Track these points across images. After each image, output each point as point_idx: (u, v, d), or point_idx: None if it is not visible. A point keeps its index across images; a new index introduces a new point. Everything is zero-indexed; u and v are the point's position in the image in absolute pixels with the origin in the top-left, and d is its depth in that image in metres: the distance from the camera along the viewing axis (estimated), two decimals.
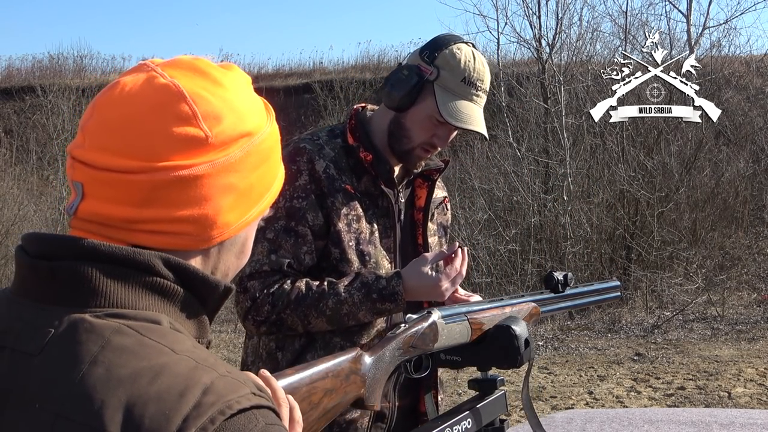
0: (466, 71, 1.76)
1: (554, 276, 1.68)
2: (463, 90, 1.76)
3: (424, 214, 1.90)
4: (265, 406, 0.77)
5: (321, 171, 1.75)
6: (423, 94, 1.76)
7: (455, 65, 1.75)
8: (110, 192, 0.80)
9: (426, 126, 1.78)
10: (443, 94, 1.75)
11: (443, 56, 1.76)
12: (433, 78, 1.75)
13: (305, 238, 1.73)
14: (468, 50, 1.78)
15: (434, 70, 1.76)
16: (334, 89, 16.04)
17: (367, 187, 1.80)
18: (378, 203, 1.81)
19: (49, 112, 15.15)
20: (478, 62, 1.78)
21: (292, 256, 1.72)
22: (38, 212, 12.22)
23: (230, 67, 0.89)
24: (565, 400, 5.99)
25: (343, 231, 1.75)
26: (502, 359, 1.50)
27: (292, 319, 1.70)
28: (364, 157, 1.78)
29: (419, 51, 1.81)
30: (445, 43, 1.78)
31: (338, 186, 1.76)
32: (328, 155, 1.78)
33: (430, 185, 1.91)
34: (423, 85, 1.76)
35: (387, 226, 1.82)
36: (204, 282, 0.84)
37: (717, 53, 11.62)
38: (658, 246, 9.56)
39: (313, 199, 1.74)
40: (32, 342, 0.78)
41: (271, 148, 0.90)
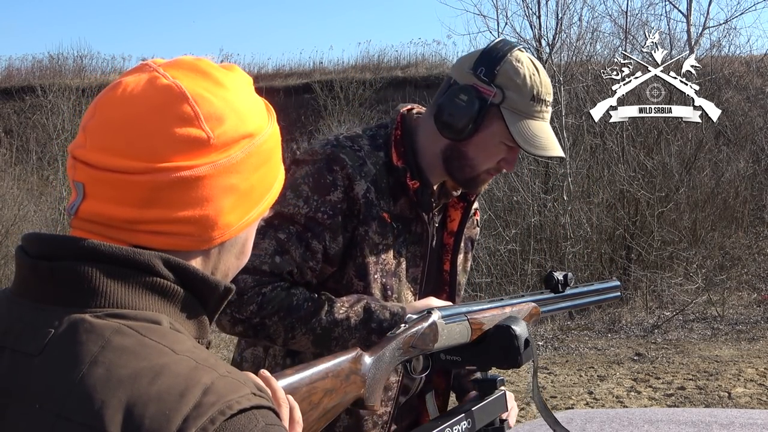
0: (534, 88, 1.58)
1: (554, 276, 1.68)
2: (533, 109, 1.59)
3: (456, 240, 1.75)
4: (265, 406, 0.77)
5: (360, 195, 1.58)
6: (488, 120, 1.58)
7: (521, 83, 1.57)
8: (111, 192, 0.80)
9: (493, 152, 1.62)
10: (513, 118, 1.57)
11: (504, 73, 1.57)
12: (498, 101, 1.57)
13: (315, 255, 1.57)
14: (527, 61, 1.60)
15: (497, 91, 1.57)
16: (334, 89, 16.05)
17: (402, 210, 1.64)
18: (411, 228, 1.66)
19: (49, 112, 15.15)
20: (542, 72, 1.61)
21: (297, 266, 1.56)
22: (38, 212, 12.22)
23: (232, 68, 0.89)
24: (565, 400, 5.99)
25: (371, 263, 1.60)
26: (502, 359, 1.50)
27: (275, 328, 1.52)
28: (411, 185, 1.62)
29: (472, 68, 1.59)
30: (500, 55, 1.59)
31: (375, 213, 1.60)
32: (369, 174, 1.60)
33: (465, 207, 1.76)
34: (487, 109, 1.57)
35: (417, 254, 1.67)
36: (204, 282, 0.84)
37: (717, 53, 11.63)
38: (658, 246, 9.57)
39: (339, 221, 1.57)
40: (32, 342, 0.78)
41: (272, 149, 0.90)
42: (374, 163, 1.62)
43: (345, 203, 1.58)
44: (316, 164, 1.59)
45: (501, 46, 1.61)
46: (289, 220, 1.57)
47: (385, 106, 15.60)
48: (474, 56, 1.62)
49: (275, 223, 1.57)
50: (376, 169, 1.62)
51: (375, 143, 1.65)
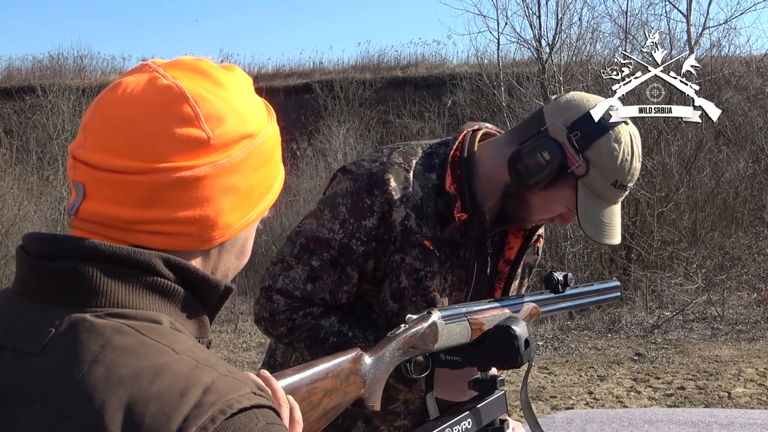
0: (621, 173, 1.50)
1: (554, 276, 1.67)
2: (611, 194, 1.52)
3: (511, 268, 1.70)
4: (265, 405, 0.78)
5: (398, 222, 1.54)
6: (562, 183, 1.52)
7: (610, 166, 1.49)
8: (111, 192, 0.80)
9: (554, 209, 1.58)
10: (587, 197, 1.51)
11: (598, 150, 1.49)
12: (579, 173, 1.50)
13: (350, 280, 1.57)
14: (627, 142, 1.51)
15: (583, 164, 1.49)
16: (334, 89, 16.06)
17: (452, 234, 1.59)
18: (459, 253, 1.60)
19: (49, 112, 15.15)
20: (636, 157, 1.52)
21: (329, 292, 1.56)
22: (38, 212, 12.21)
23: (232, 68, 0.89)
24: (565, 400, 6.00)
25: (409, 288, 1.57)
26: (502, 359, 1.50)
27: (302, 352, 1.59)
28: (458, 217, 1.56)
29: (569, 127, 1.50)
30: (603, 128, 1.49)
31: (415, 240, 1.55)
32: (413, 199, 1.54)
33: (526, 235, 1.69)
34: (565, 175, 1.50)
35: (462, 279, 1.63)
36: (204, 282, 0.84)
37: (717, 53, 11.64)
38: (658, 246, 9.57)
39: (373, 247, 1.55)
40: (33, 342, 0.78)
41: (271, 150, 0.90)
42: (422, 186, 1.56)
43: (381, 228, 1.55)
44: (358, 182, 1.56)
45: (607, 116, 1.51)
46: (325, 246, 1.56)
47: (385, 106, 15.62)
48: (576, 113, 1.52)
49: (311, 248, 1.57)
50: (423, 192, 1.56)
51: (429, 162, 1.59)
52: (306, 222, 1.61)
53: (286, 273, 1.58)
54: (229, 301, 1.04)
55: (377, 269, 1.58)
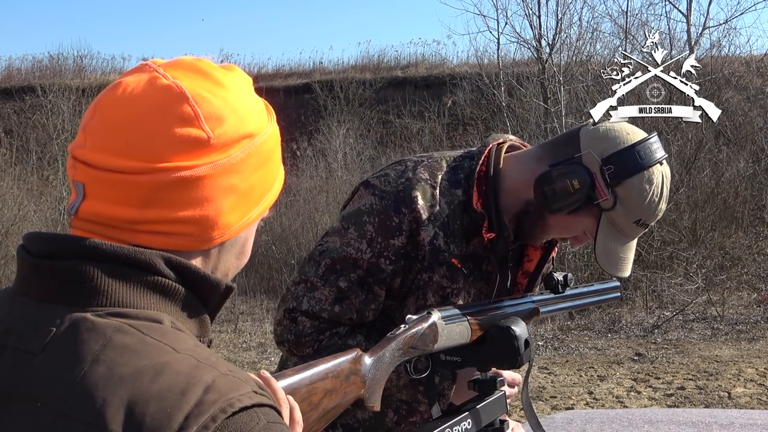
0: (646, 213, 1.50)
1: (554, 276, 1.67)
2: (632, 231, 1.53)
3: (530, 280, 1.70)
4: (266, 404, 0.78)
5: (427, 242, 1.53)
6: (585, 211, 1.51)
7: (637, 206, 1.48)
8: (111, 192, 0.80)
9: (571, 232, 1.58)
10: (608, 231, 1.51)
11: (629, 188, 1.47)
12: (605, 207, 1.49)
13: (377, 299, 1.56)
14: (659, 184, 1.49)
15: (611, 198, 1.48)
16: (334, 89, 16.05)
17: (475, 249, 1.58)
18: (482, 267, 1.61)
19: (49, 112, 15.15)
20: (663, 200, 1.51)
21: (356, 311, 1.55)
22: (38, 212, 12.22)
23: (231, 68, 0.89)
24: (565, 400, 6.00)
25: (435, 304, 1.54)
26: (502, 360, 1.50)
27: None
28: (486, 237, 1.55)
29: (604, 160, 1.48)
30: (637, 166, 1.47)
31: (443, 259, 1.54)
32: (440, 217, 1.53)
33: (546, 248, 1.69)
34: (590, 204, 1.49)
35: (483, 291, 1.63)
36: (205, 281, 0.84)
37: (717, 53, 11.64)
38: (658, 246, 9.57)
39: (401, 265, 1.54)
40: (34, 341, 0.78)
41: (271, 150, 0.90)
42: (449, 203, 1.55)
43: (409, 246, 1.54)
44: (384, 200, 1.54)
45: (645, 155, 1.49)
46: (352, 266, 1.54)
47: (385, 106, 15.62)
48: (614, 146, 1.49)
49: (337, 268, 1.55)
50: (450, 209, 1.55)
51: (455, 178, 1.58)
52: (330, 241, 1.57)
53: (311, 294, 1.55)
54: (229, 301, 1.04)
55: (403, 286, 1.57)
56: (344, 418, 1.62)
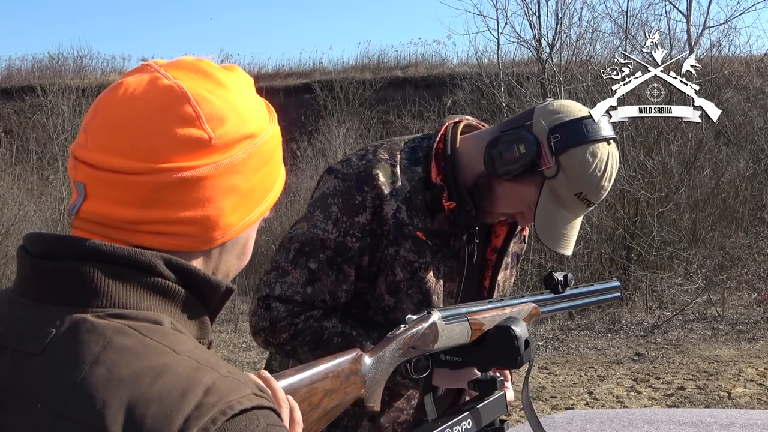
0: (587, 187, 1.52)
1: (554, 276, 1.68)
2: (573, 204, 1.54)
3: (498, 256, 1.72)
4: (266, 406, 0.78)
5: (390, 215, 1.56)
6: (529, 179, 1.53)
7: (578, 176, 1.51)
8: (113, 193, 0.80)
9: (515, 205, 1.59)
10: (548, 200, 1.53)
11: (572, 156, 1.50)
12: (548, 175, 1.51)
13: (348, 278, 1.59)
14: (603, 159, 1.51)
15: (554, 165, 1.50)
16: (334, 89, 16.06)
17: (441, 226, 1.61)
18: (449, 243, 1.63)
19: (49, 112, 15.15)
20: (606, 177, 1.53)
21: (329, 292, 1.58)
22: (38, 212, 12.21)
23: (233, 68, 0.89)
24: (565, 400, 6.00)
25: (404, 280, 1.59)
26: (502, 360, 1.50)
27: (305, 357, 1.57)
28: (447, 206, 1.59)
29: (551, 128, 1.51)
30: (582, 138, 1.50)
31: (407, 232, 1.57)
32: (402, 192, 1.57)
33: (512, 223, 1.71)
34: (534, 173, 1.52)
35: (453, 269, 1.65)
36: (205, 282, 0.84)
37: (717, 53, 11.64)
38: (658, 246, 9.57)
39: (368, 242, 1.57)
40: (34, 342, 0.78)
41: (272, 150, 0.90)
42: (410, 179, 1.59)
43: (374, 223, 1.57)
44: (347, 182, 1.58)
45: (591, 129, 1.52)
46: (320, 247, 1.57)
47: (385, 106, 15.62)
48: (563, 117, 1.53)
49: (306, 251, 1.58)
50: (411, 185, 1.59)
51: (414, 156, 1.62)
52: (297, 227, 1.61)
53: (284, 279, 1.58)
54: (230, 301, 1.05)
55: (371, 265, 1.60)
56: None
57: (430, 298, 1.62)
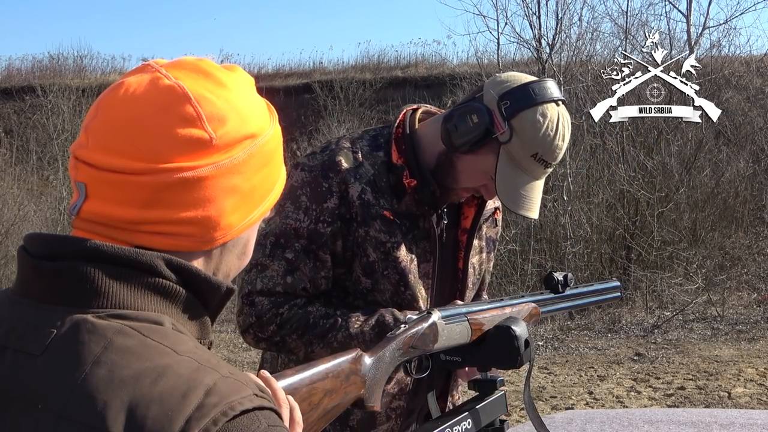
0: (542, 147, 1.55)
1: (554, 276, 1.68)
2: (531, 166, 1.57)
3: (469, 236, 1.75)
4: (267, 407, 0.78)
5: (355, 196, 1.60)
6: (485, 149, 1.57)
7: (531, 137, 1.54)
8: (114, 193, 0.80)
9: (477, 177, 1.62)
10: (506, 164, 1.56)
11: (523, 119, 1.53)
12: (503, 140, 1.55)
13: (325, 264, 1.62)
14: (553, 119, 1.55)
15: (507, 130, 1.54)
16: (334, 89, 16.06)
17: (408, 208, 1.65)
18: (419, 225, 1.66)
19: (49, 112, 15.15)
20: (559, 136, 1.55)
21: (309, 280, 1.61)
22: (38, 212, 12.21)
23: (234, 68, 0.89)
24: (565, 400, 6.00)
25: (379, 261, 1.62)
26: (502, 360, 1.50)
27: (295, 344, 1.61)
28: (408, 183, 1.63)
29: (500, 95, 1.55)
30: (531, 101, 1.54)
31: (375, 213, 1.61)
32: (366, 175, 1.62)
33: (479, 203, 1.74)
34: (489, 139, 1.55)
35: (427, 250, 1.67)
36: (206, 283, 0.84)
37: (717, 53, 11.63)
38: (658, 246, 9.57)
39: (338, 226, 1.61)
40: (34, 342, 0.78)
41: (273, 150, 0.90)
42: (372, 164, 1.64)
43: (343, 208, 1.61)
44: (313, 171, 1.63)
45: (539, 91, 1.56)
46: (294, 236, 1.61)
47: (385, 106, 15.61)
48: (511, 84, 1.57)
49: (281, 242, 1.62)
50: (374, 169, 1.64)
51: (375, 143, 1.67)
52: (270, 222, 1.65)
53: (263, 274, 1.61)
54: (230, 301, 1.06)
55: (346, 249, 1.63)
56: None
57: (407, 277, 1.64)
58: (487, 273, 1.87)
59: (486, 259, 1.83)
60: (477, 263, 1.80)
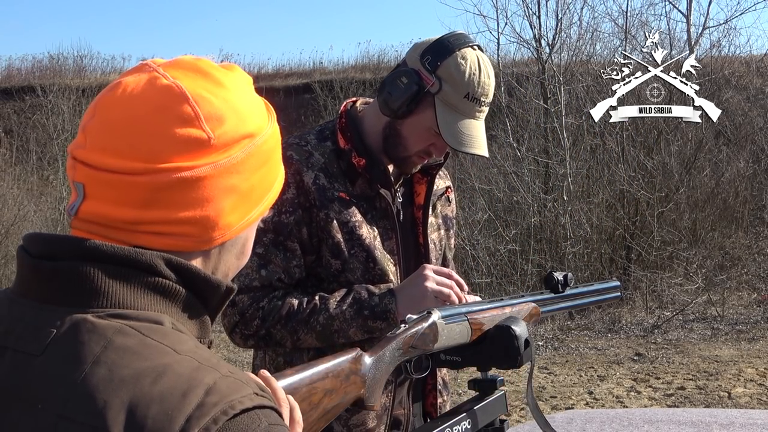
0: (470, 87, 1.65)
1: (554, 276, 1.68)
2: (466, 107, 1.66)
3: (424, 212, 1.83)
4: (267, 406, 0.78)
5: (310, 183, 1.68)
6: (422, 105, 1.67)
7: (459, 79, 1.64)
8: (112, 193, 0.80)
9: (423, 137, 1.70)
10: (444, 111, 1.65)
11: (446, 67, 1.64)
12: (434, 91, 1.65)
13: (294, 253, 1.69)
14: (474, 59, 1.66)
15: (436, 81, 1.65)
16: (334, 89, 16.04)
17: (363, 190, 1.74)
18: (376, 205, 1.75)
19: (49, 112, 15.15)
20: (484, 74, 1.66)
21: (283, 271, 1.69)
22: (38, 212, 12.21)
23: (232, 67, 0.89)
24: (565, 400, 5.99)
25: (344, 241, 1.69)
26: (502, 360, 1.50)
27: (281, 335, 1.67)
28: (356, 162, 1.71)
29: (420, 54, 1.67)
30: (449, 49, 1.66)
31: (331, 195, 1.70)
32: (317, 163, 1.71)
33: (429, 180, 1.84)
34: (423, 95, 1.66)
35: (387, 228, 1.75)
36: (206, 282, 0.84)
37: (717, 53, 11.62)
38: (658, 246, 9.56)
39: (300, 214, 1.68)
40: (34, 342, 0.78)
41: (272, 149, 0.90)
42: (322, 153, 1.73)
43: (301, 197, 1.68)
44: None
45: (454, 40, 1.68)
46: (262, 231, 1.68)
47: None
48: (427, 43, 1.69)
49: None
50: (324, 158, 1.72)
51: (322, 135, 1.77)
52: None
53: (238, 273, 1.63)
54: None
55: (312, 236, 1.70)
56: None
57: (373, 253, 1.72)
58: (449, 250, 1.94)
59: (446, 237, 1.91)
60: (437, 240, 1.87)
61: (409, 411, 1.80)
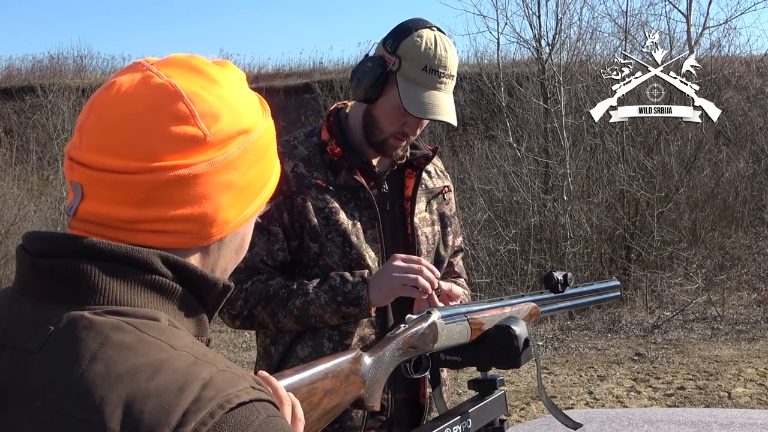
0: (427, 59, 1.75)
1: (554, 276, 1.68)
2: (426, 78, 1.75)
3: (411, 204, 1.90)
4: (265, 399, 0.78)
5: (289, 171, 1.78)
6: (388, 86, 1.77)
7: (415, 54, 1.75)
8: (109, 193, 0.80)
9: (394, 117, 1.79)
10: (406, 85, 1.75)
11: (404, 45, 1.76)
12: (395, 69, 1.76)
13: (277, 237, 1.79)
14: (430, 36, 1.77)
15: (396, 60, 1.76)
16: (334, 89, 16.05)
17: (346, 181, 1.82)
18: (359, 195, 1.83)
19: (49, 112, 15.16)
20: (440, 48, 1.76)
21: (266, 253, 1.78)
22: (38, 212, 12.22)
23: (225, 64, 0.89)
24: (565, 400, 5.99)
25: (320, 225, 1.78)
26: (502, 359, 1.50)
27: (262, 316, 1.76)
28: (331, 150, 1.81)
29: (383, 41, 1.81)
30: (406, 31, 1.78)
31: (309, 182, 1.79)
32: (300, 154, 1.82)
33: (418, 174, 1.92)
34: (387, 76, 1.77)
35: (371, 218, 1.82)
36: (202, 280, 0.84)
37: (717, 53, 11.63)
38: (658, 246, 9.57)
39: (281, 200, 1.77)
40: (32, 340, 0.78)
41: (267, 144, 0.90)
42: (306, 147, 1.84)
43: (283, 185, 1.75)
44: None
45: (412, 24, 1.79)
46: None
47: None
48: (389, 31, 1.81)
49: None
50: (309, 150, 1.83)
51: (310, 133, 1.88)
52: None
53: None
54: None
55: (293, 221, 1.79)
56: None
57: (350, 238, 1.79)
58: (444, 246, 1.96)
59: (443, 234, 1.95)
60: (430, 234, 1.92)
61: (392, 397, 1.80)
